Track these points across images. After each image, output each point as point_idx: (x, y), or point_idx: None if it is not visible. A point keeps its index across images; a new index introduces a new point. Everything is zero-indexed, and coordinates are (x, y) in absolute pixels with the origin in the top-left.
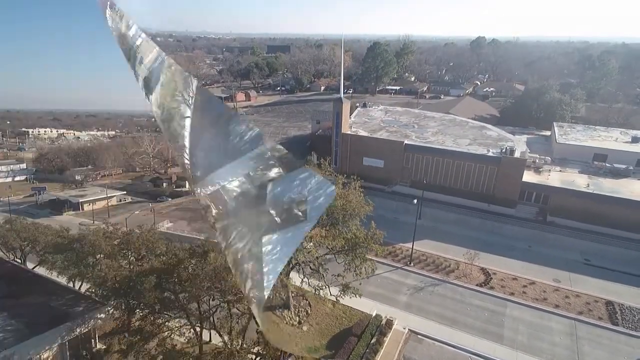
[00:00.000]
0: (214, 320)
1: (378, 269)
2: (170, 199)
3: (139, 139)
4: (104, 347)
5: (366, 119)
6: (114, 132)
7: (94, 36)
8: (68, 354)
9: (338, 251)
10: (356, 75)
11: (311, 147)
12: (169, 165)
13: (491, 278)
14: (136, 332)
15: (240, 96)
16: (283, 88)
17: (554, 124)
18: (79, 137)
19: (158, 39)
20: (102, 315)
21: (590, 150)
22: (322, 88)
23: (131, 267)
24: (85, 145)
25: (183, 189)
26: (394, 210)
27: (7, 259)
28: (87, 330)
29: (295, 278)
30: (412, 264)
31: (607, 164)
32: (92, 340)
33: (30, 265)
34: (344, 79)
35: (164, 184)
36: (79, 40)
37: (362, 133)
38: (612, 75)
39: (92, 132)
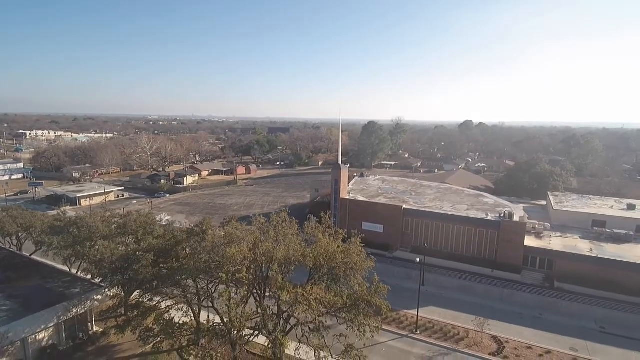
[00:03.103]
0: (212, 300)
1: (382, 337)
2: (168, 195)
3: (137, 138)
4: (101, 329)
5: (364, 187)
6: (111, 135)
7: (92, 40)
8: (64, 335)
9: (340, 309)
10: (353, 152)
11: (310, 214)
12: (167, 163)
13: (504, 347)
14: (134, 307)
15: (241, 170)
16: (282, 163)
17: (549, 193)
18: (76, 139)
19: (160, 123)
20: (99, 297)
21: (588, 217)
22: (320, 163)
23: (128, 249)
24: (83, 145)
25: (181, 185)
26: (396, 276)
27: (3, 246)
28: (83, 311)
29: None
30: (418, 332)
31: (607, 230)
32: (89, 323)
33: (26, 254)
34: (341, 155)
35: (162, 181)
36: (77, 45)
37: (361, 199)
38: (597, 153)
39: (89, 135)
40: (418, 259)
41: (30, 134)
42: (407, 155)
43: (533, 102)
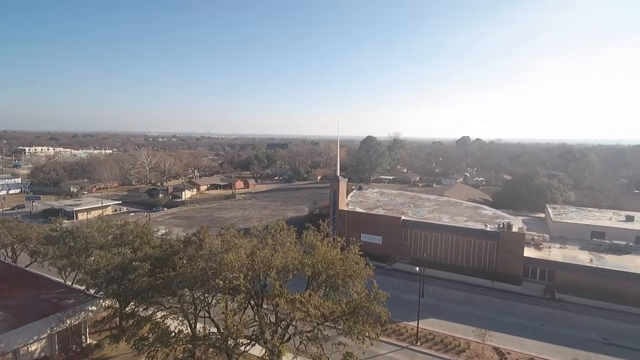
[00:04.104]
0: (209, 310)
1: (382, 348)
2: (165, 209)
3: (136, 153)
4: (95, 342)
5: (362, 199)
6: (110, 151)
7: (91, 58)
8: (57, 346)
9: (338, 317)
10: (351, 167)
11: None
12: (165, 177)
13: (506, 358)
14: (129, 317)
15: (239, 184)
16: (281, 177)
17: (547, 205)
18: (75, 155)
19: (160, 139)
20: (94, 308)
21: (587, 228)
22: (319, 178)
23: (125, 258)
24: (81, 160)
25: (179, 199)
26: (396, 288)
27: None
28: (77, 322)
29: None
30: (418, 343)
31: (606, 241)
32: (83, 335)
33: (21, 266)
34: (339, 170)
35: (160, 195)
36: (77, 62)
37: (360, 210)
38: (594, 166)
39: (89, 151)
40: (417, 268)
41: (29, 150)
42: (405, 170)
43: (529, 120)
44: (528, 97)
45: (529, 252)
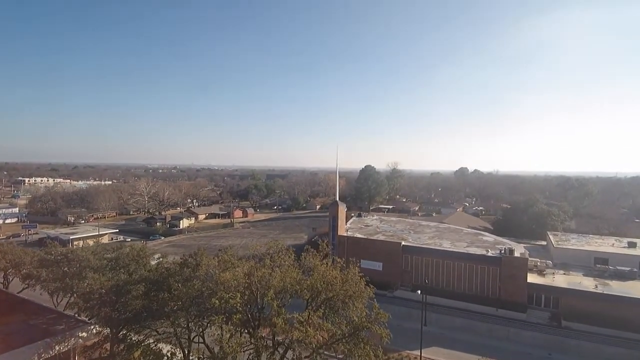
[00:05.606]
0: (203, 334)
1: None
2: (163, 237)
3: (136, 183)
4: None
5: (362, 226)
6: (110, 182)
7: (93, 88)
8: None
9: (338, 339)
10: (350, 196)
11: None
12: (164, 206)
13: None
14: (120, 341)
15: (238, 213)
16: (280, 207)
17: (548, 232)
18: (74, 186)
19: (160, 171)
20: (84, 334)
21: (590, 255)
22: (318, 207)
23: (119, 281)
24: (79, 189)
25: (176, 228)
26: (397, 316)
27: None
28: (66, 349)
29: None
30: None
31: (610, 267)
32: None
33: (13, 292)
34: (339, 199)
35: (158, 223)
36: (77, 94)
37: (359, 236)
38: (593, 195)
39: (88, 182)
40: (419, 291)
41: (29, 180)
42: (404, 200)
43: (526, 152)
44: (524, 130)
45: (532, 279)
